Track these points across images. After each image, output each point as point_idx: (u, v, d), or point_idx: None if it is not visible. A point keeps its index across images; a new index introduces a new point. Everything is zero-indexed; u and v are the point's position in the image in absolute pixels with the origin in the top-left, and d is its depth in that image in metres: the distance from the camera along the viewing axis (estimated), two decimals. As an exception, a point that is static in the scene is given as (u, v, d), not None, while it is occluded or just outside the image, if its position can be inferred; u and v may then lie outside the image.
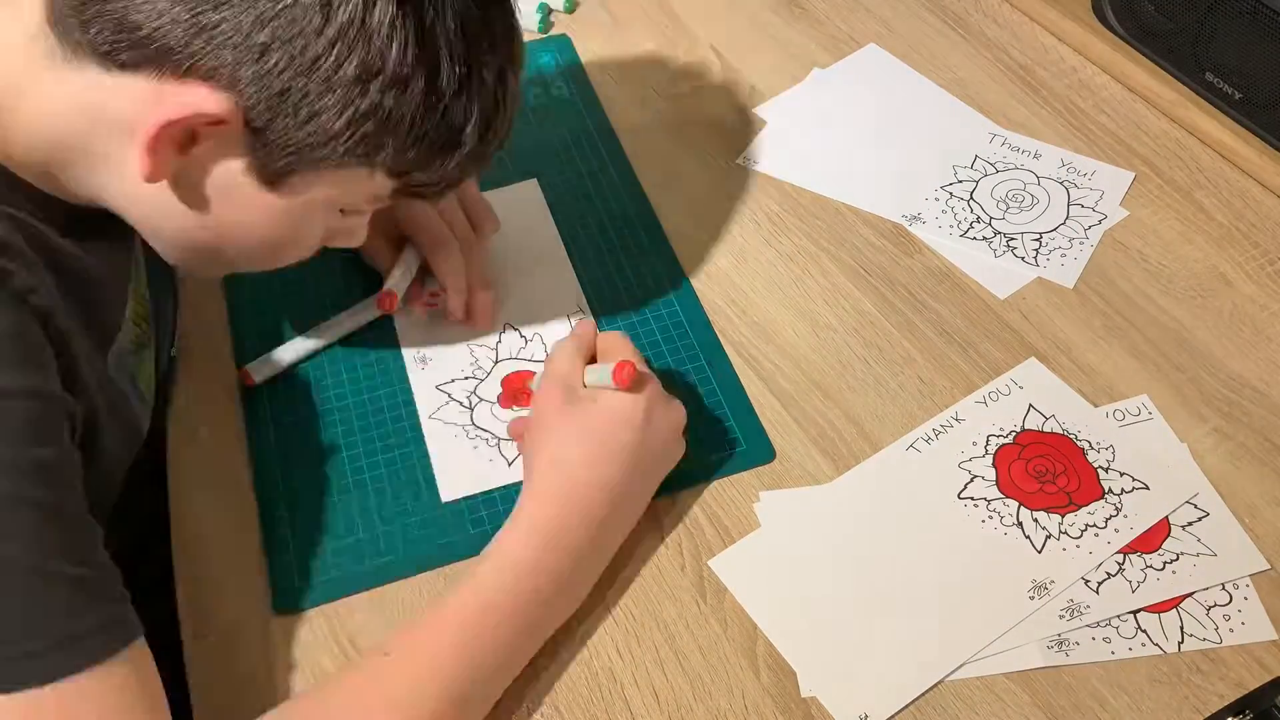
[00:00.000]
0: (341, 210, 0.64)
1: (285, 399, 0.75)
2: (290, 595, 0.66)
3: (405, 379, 0.76)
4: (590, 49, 1.01)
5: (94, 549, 0.53)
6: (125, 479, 0.68)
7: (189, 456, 0.73)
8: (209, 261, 0.65)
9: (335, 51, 0.53)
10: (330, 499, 0.70)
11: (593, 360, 0.68)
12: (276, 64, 0.53)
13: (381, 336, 0.79)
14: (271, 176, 0.57)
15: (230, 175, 0.57)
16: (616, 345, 0.68)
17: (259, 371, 0.75)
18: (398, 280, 0.78)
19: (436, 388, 0.75)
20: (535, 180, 0.88)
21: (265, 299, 0.81)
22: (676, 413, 0.68)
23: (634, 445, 0.64)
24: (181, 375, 0.77)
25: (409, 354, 0.77)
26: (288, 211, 0.60)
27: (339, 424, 0.74)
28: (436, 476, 0.71)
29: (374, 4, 0.52)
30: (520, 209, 0.86)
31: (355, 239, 0.68)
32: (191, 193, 0.58)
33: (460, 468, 0.71)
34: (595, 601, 0.65)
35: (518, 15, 0.61)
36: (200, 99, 0.53)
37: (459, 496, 0.70)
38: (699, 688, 0.62)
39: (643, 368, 0.66)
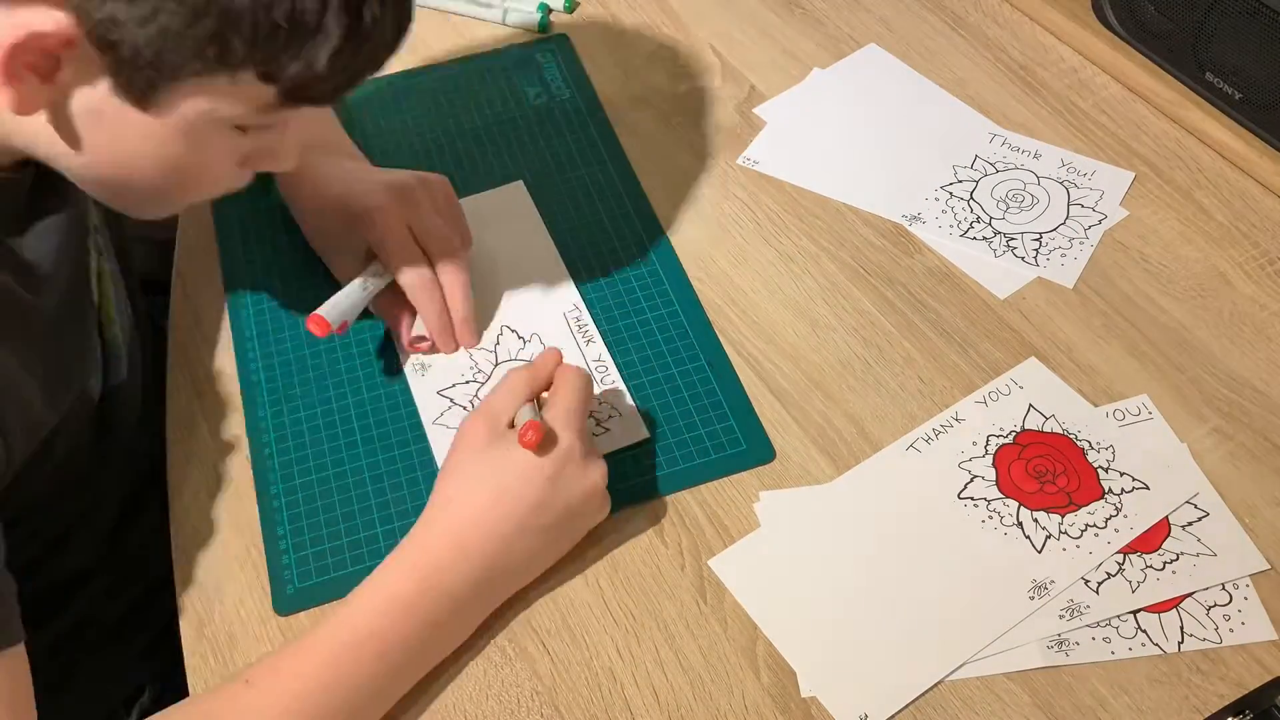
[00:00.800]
0: (238, 128, 0.59)
1: (285, 400, 0.75)
2: (290, 595, 0.66)
3: (405, 384, 0.76)
4: (590, 49, 1.01)
5: None
6: (86, 454, 0.67)
7: (189, 456, 0.73)
8: (125, 196, 0.62)
9: None
10: (330, 500, 0.70)
11: (546, 389, 0.67)
12: None
13: (380, 340, 0.79)
14: (138, 95, 0.54)
15: (100, 98, 0.54)
16: (563, 388, 0.66)
17: (334, 318, 0.72)
18: (338, 304, 0.73)
19: (438, 393, 0.75)
20: (520, 182, 0.88)
21: (265, 298, 0.81)
22: (593, 473, 0.65)
23: (535, 502, 0.62)
24: (181, 375, 0.77)
25: (407, 362, 0.77)
26: (169, 132, 0.56)
27: (339, 425, 0.74)
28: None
29: None
30: (507, 211, 0.86)
31: (281, 161, 0.64)
32: (71, 122, 0.55)
33: None
34: (595, 601, 0.66)
35: None
36: (33, 18, 0.50)
37: None
38: (699, 688, 0.62)
39: (568, 420, 0.64)
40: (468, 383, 0.76)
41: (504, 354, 0.77)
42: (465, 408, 0.74)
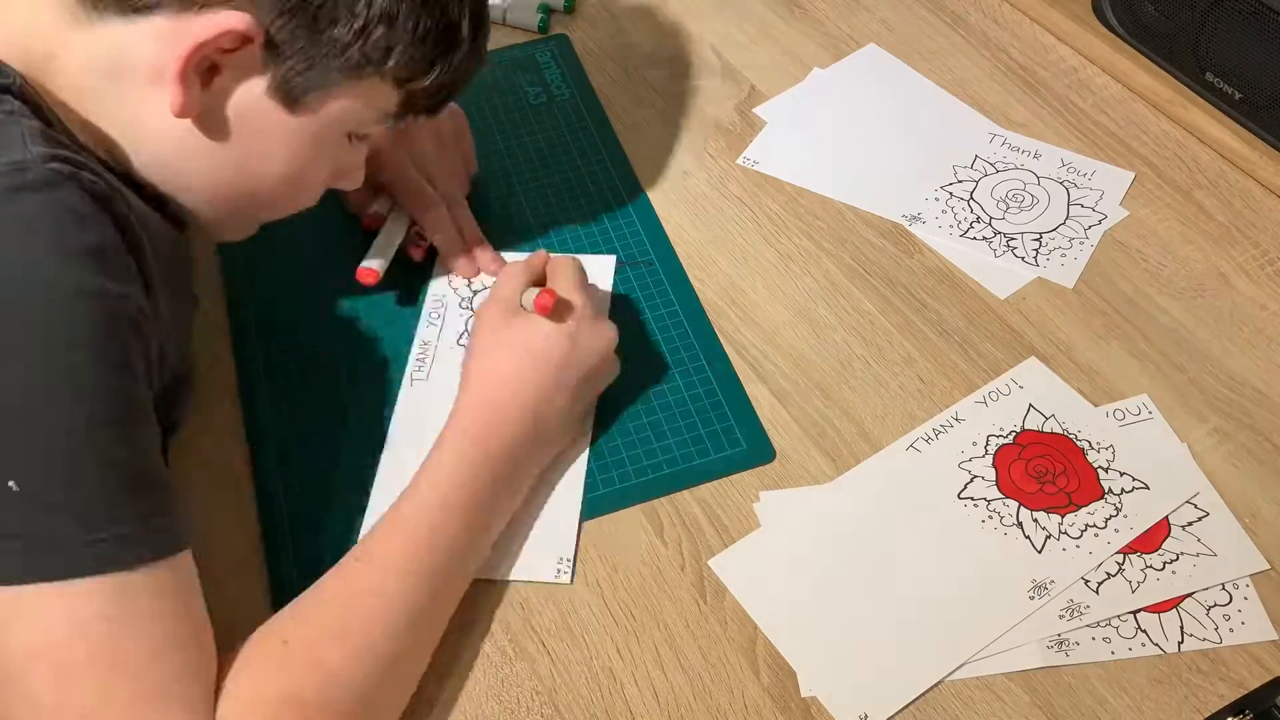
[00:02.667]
0: (349, 137, 0.66)
1: (285, 398, 0.75)
2: (290, 596, 0.66)
3: (406, 385, 0.76)
4: (590, 49, 1.01)
5: (158, 452, 0.54)
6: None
7: (189, 455, 0.73)
8: (237, 212, 0.67)
9: None
10: (331, 499, 0.70)
11: (542, 282, 0.72)
12: None
13: (378, 340, 0.79)
14: (291, 97, 0.60)
15: (253, 101, 0.60)
16: (559, 271, 0.72)
17: (381, 267, 0.78)
18: (381, 250, 0.79)
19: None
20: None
21: (266, 294, 0.81)
22: (606, 333, 0.71)
23: (559, 361, 0.68)
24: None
25: (407, 359, 0.77)
26: (308, 134, 0.62)
27: (340, 424, 0.74)
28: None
29: None
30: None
31: (355, 179, 0.71)
32: (216, 127, 0.60)
33: None
34: (595, 601, 0.66)
35: None
36: (224, 19, 0.55)
37: None
38: (699, 688, 0.62)
39: (572, 294, 0.70)
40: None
41: None
42: None
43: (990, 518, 0.68)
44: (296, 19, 0.57)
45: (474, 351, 0.69)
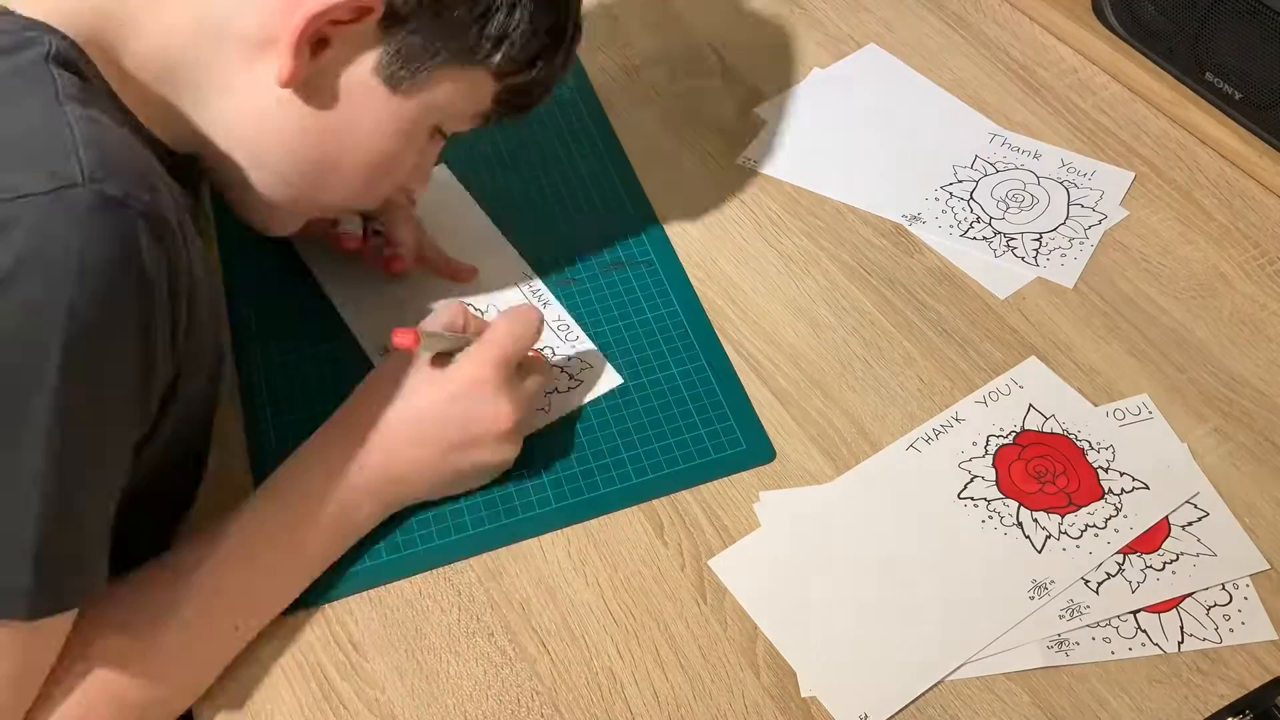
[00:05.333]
0: (434, 131, 0.65)
1: (285, 399, 0.75)
2: (290, 595, 0.66)
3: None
4: (590, 49, 1.00)
5: (106, 498, 0.53)
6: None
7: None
8: (309, 191, 0.65)
9: None
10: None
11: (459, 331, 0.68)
12: None
13: (345, 331, 0.79)
14: (397, 76, 0.60)
15: (359, 76, 0.59)
16: (496, 325, 0.67)
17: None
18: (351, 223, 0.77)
19: None
20: (444, 165, 0.88)
21: (267, 296, 0.81)
22: (502, 406, 0.65)
23: (425, 410, 0.65)
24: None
25: (370, 348, 0.77)
26: (403, 118, 0.62)
27: (339, 424, 0.74)
28: None
29: None
30: (437, 196, 0.85)
31: (424, 180, 0.70)
32: (314, 99, 0.59)
33: None
34: (595, 601, 0.66)
35: None
36: None
37: None
38: (699, 688, 0.62)
39: (481, 357, 0.65)
40: None
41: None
42: None
43: (990, 518, 0.68)
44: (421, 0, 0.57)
45: (372, 374, 0.68)
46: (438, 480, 0.67)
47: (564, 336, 0.78)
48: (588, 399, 0.74)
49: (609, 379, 0.75)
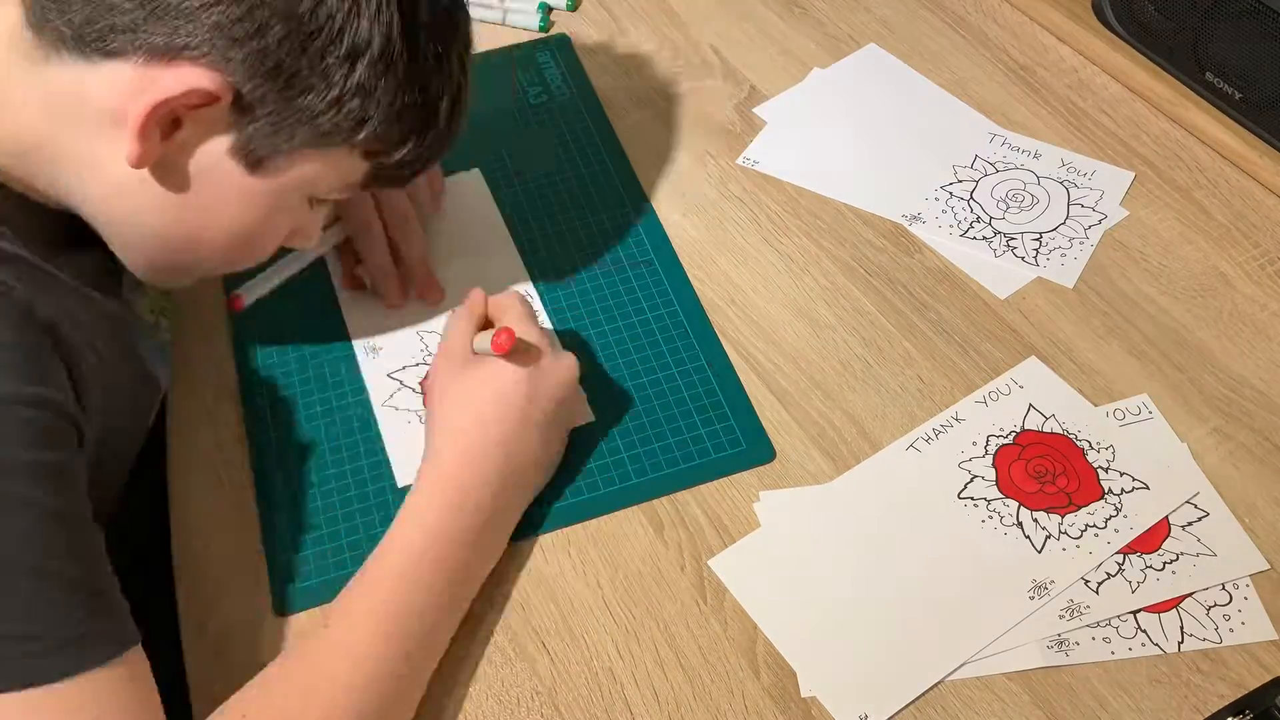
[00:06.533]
0: (309, 201, 0.64)
1: (286, 398, 0.75)
2: (290, 596, 0.66)
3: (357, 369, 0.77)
4: (590, 49, 1.01)
5: (97, 555, 0.53)
6: (128, 477, 0.67)
7: (189, 457, 0.73)
8: (178, 264, 0.64)
9: (329, 29, 0.54)
10: (331, 499, 0.70)
11: (489, 326, 0.70)
12: (269, 43, 0.54)
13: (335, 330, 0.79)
14: (254, 158, 0.58)
15: (213, 158, 0.58)
16: (509, 308, 0.70)
17: (250, 293, 0.75)
18: (264, 281, 0.76)
19: (388, 375, 0.76)
20: (478, 170, 0.88)
21: (267, 295, 0.81)
22: (566, 361, 0.69)
23: (523, 403, 0.66)
24: (181, 375, 0.77)
25: (359, 344, 0.78)
26: (266, 196, 0.60)
27: (340, 424, 0.74)
28: (391, 463, 0.72)
29: None
30: (463, 199, 0.86)
31: (310, 239, 0.69)
32: (174, 180, 0.58)
33: (416, 454, 0.70)
34: (595, 601, 0.66)
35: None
36: (194, 76, 0.53)
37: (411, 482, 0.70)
38: (699, 688, 0.62)
39: (526, 330, 0.67)
40: (418, 365, 0.77)
41: None
42: (415, 390, 0.75)
43: (990, 518, 0.68)
44: (270, 83, 0.55)
45: (436, 406, 0.67)
46: (552, 454, 0.69)
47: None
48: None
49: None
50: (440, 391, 0.67)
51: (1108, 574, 0.65)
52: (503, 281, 0.81)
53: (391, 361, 0.77)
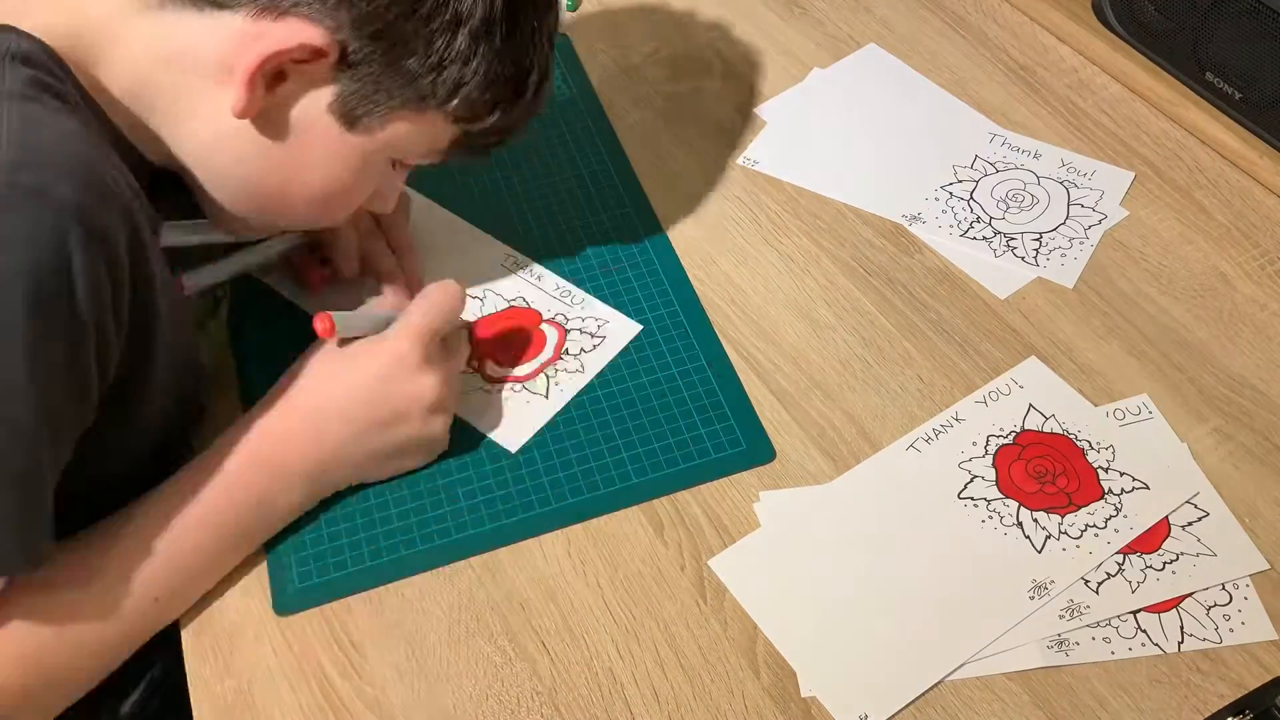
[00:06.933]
0: (394, 163, 0.66)
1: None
2: (290, 596, 0.66)
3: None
4: (590, 49, 1.01)
5: (43, 465, 0.54)
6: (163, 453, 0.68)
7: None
8: (268, 210, 0.66)
9: None
10: (330, 499, 0.70)
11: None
12: (379, 5, 0.56)
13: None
14: (352, 116, 0.60)
15: (313, 113, 0.60)
16: (417, 302, 0.68)
17: (192, 281, 0.73)
18: (217, 270, 0.74)
19: None
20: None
21: (267, 294, 0.81)
22: (424, 381, 0.67)
23: (352, 389, 0.66)
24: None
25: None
26: (358, 153, 0.62)
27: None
28: (490, 436, 0.72)
29: None
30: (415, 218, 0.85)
31: (388, 204, 0.70)
32: (274, 131, 0.60)
33: (507, 419, 0.73)
34: (595, 601, 0.66)
35: None
36: (303, 32, 0.55)
37: (524, 442, 0.72)
38: (699, 688, 0.62)
39: (402, 333, 0.66)
40: None
41: (467, 315, 0.78)
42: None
43: (990, 518, 0.68)
44: (376, 43, 0.57)
45: (297, 372, 0.68)
46: (368, 460, 0.68)
47: (570, 302, 0.79)
48: (616, 352, 0.76)
49: (628, 328, 0.77)
50: (311, 359, 0.68)
51: (1108, 574, 0.65)
52: (481, 253, 0.82)
53: None
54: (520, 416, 0.73)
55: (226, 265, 0.76)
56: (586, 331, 0.77)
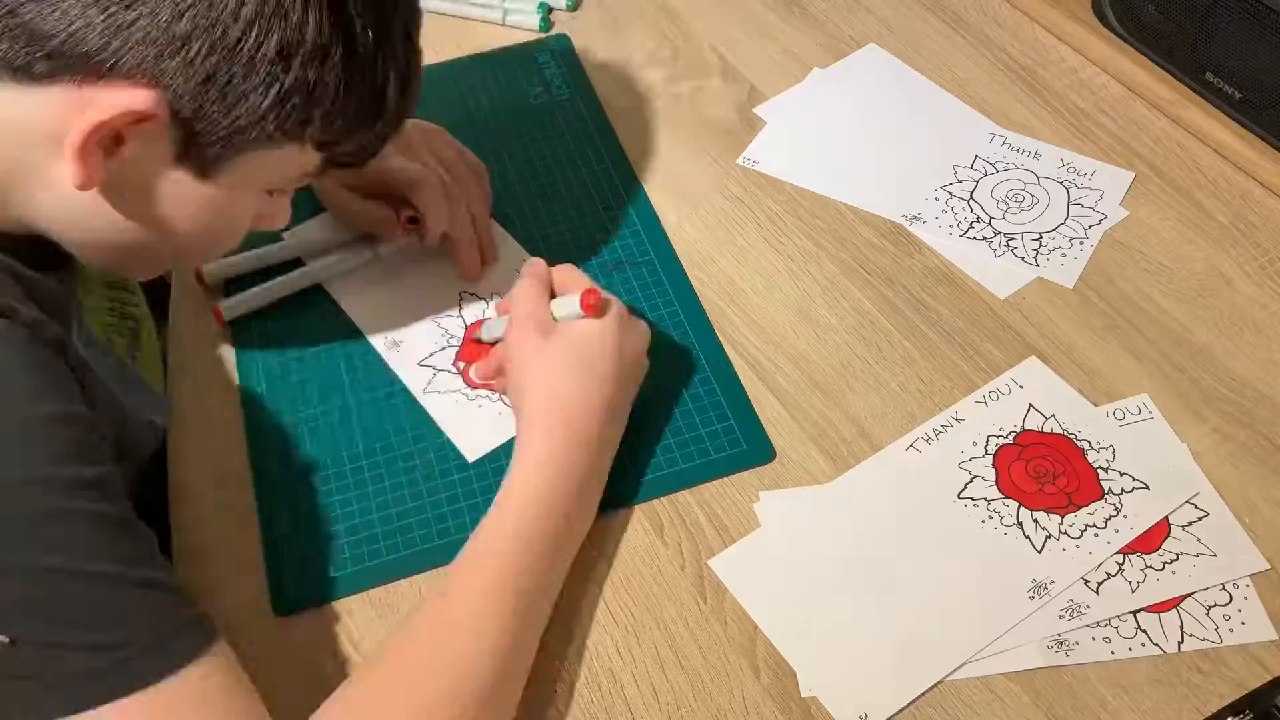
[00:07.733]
0: (269, 191, 0.64)
1: (285, 399, 0.75)
2: (290, 596, 0.66)
3: (404, 384, 0.76)
4: (590, 49, 1.01)
5: (157, 555, 0.54)
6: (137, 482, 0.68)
7: (189, 457, 0.73)
8: (144, 261, 0.64)
9: (255, 32, 0.53)
10: (330, 498, 0.70)
11: (553, 295, 0.72)
12: (198, 52, 0.52)
13: (350, 331, 0.79)
14: (203, 166, 0.57)
15: (163, 169, 0.57)
16: (573, 277, 0.72)
17: (230, 311, 0.79)
18: (255, 297, 0.79)
19: (419, 364, 0.77)
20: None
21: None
22: (642, 330, 0.72)
23: (614, 367, 0.68)
24: (181, 374, 0.77)
25: (376, 340, 0.78)
26: (220, 198, 0.59)
27: (339, 424, 0.74)
28: (455, 444, 0.72)
29: None
30: None
31: (279, 220, 0.67)
32: (125, 195, 0.57)
33: (474, 429, 0.73)
34: (595, 601, 0.66)
35: None
36: (126, 98, 0.52)
37: (485, 453, 0.72)
38: (699, 688, 0.62)
39: (605, 293, 0.70)
40: (444, 350, 0.78)
41: (470, 317, 0.80)
42: (451, 371, 0.76)
43: (990, 518, 0.68)
44: (207, 89, 0.53)
45: (523, 378, 0.68)
46: (625, 410, 0.71)
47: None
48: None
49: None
50: (528, 362, 0.68)
51: (1108, 574, 0.65)
52: (509, 268, 0.82)
53: (417, 351, 0.78)
54: None
55: (272, 289, 0.78)
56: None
